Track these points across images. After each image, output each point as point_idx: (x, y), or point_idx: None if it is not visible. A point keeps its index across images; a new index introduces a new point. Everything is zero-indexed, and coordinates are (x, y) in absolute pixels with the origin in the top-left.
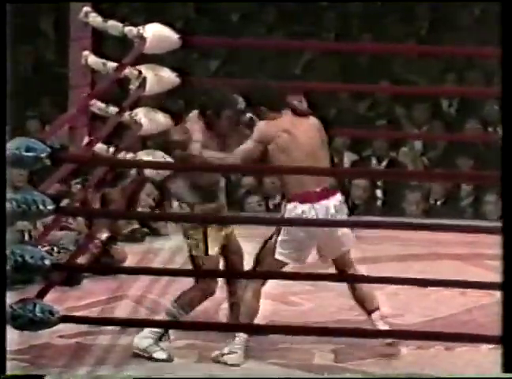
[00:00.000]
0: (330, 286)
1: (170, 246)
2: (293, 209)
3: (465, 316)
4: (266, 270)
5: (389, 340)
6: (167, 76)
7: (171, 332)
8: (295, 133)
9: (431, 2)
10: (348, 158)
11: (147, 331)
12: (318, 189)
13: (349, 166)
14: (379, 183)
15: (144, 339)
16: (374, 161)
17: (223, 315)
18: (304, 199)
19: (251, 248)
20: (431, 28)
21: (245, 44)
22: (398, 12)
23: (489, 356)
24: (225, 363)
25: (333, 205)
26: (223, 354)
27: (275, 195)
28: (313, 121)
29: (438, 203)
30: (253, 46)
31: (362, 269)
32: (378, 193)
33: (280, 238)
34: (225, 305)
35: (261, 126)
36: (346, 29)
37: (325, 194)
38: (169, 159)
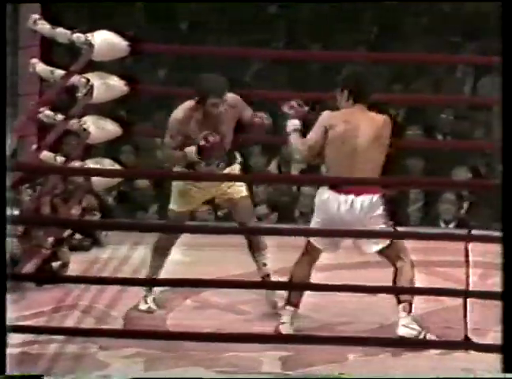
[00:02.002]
0: (279, 294)
1: (117, 256)
2: (321, 192)
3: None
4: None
5: None
6: (115, 84)
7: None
8: (352, 125)
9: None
10: (295, 167)
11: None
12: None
13: (298, 173)
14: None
15: None
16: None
17: (170, 324)
18: (335, 187)
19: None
20: (380, 35)
21: (194, 52)
22: (347, 20)
23: (434, 361)
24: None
25: (360, 202)
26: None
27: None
28: (378, 117)
29: None
30: (202, 54)
31: (313, 278)
32: None
33: (312, 222)
34: (172, 315)
35: (324, 114)
36: (295, 38)
37: (358, 190)
38: (117, 166)
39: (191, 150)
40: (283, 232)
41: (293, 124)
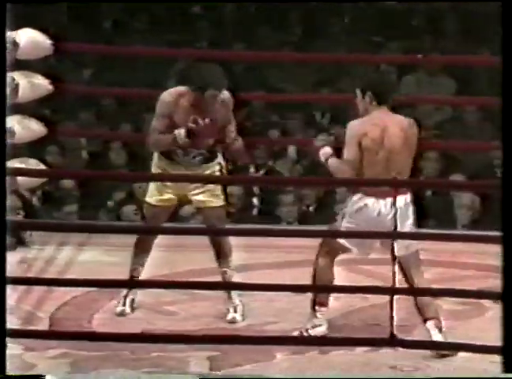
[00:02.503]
0: (206, 294)
1: (43, 256)
2: (358, 201)
3: (340, 320)
4: (326, 251)
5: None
6: (40, 83)
7: None
8: (382, 128)
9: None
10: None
11: None
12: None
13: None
14: (256, 191)
15: None
16: (252, 169)
17: (96, 324)
18: (371, 193)
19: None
20: (303, 36)
21: (118, 52)
22: (271, 20)
23: (362, 358)
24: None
25: (399, 203)
26: (307, 330)
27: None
28: (404, 119)
29: (311, 209)
30: (127, 54)
31: (239, 277)
32: (255, 200)
33: (343, 224)
34: (98, 315)
35: (352, 126)
36: (219, 38)
37: (393, 192)
38: (42, 167)
39: (180, 132)
40: (268, 233)
41: (325, 153)
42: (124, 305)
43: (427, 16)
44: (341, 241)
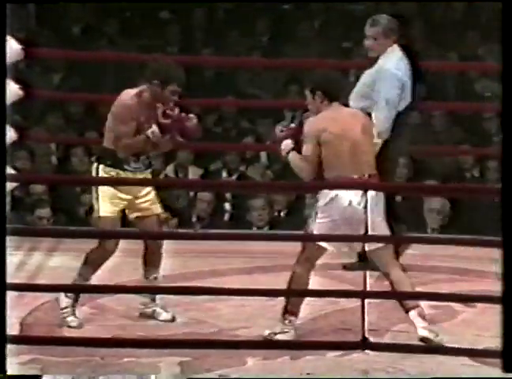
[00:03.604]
0: (176, 299)
1: (13, 262)
2: (328, 193)
3: (311, 325)
4: (306, 257)
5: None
6: (10, 89)
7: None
8: (342, 122)
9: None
10: (192, 172)
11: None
12: (355, 177)
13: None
14: (228, 196)
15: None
16: (224, 174)
17: (67, 330)
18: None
19: None
20: (273, 41)
21: (88, 57)
22: (240, 25)
23: (336, 362)
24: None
25: (369, 194)
26: (275, 334)
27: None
28: (357, 112)
29: (282, 214)
30: (96, 59)
31: (210, 283)
32: (227, 206)
33: (317, 221)
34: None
35: (310, 123)
36: (189, 43)
37: (363, 181)
38: (13, 172)
39: (154, 130)
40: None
41: (286, 145)
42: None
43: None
44: (320, 242)
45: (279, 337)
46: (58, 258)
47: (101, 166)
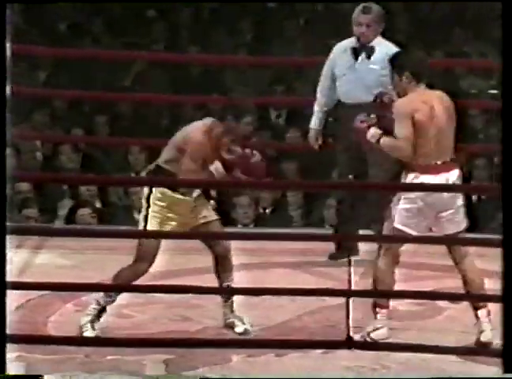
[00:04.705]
0: (161, 297)
1: None
2: (414, 179)
3: (297, 322)
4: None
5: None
6: None
7: None
8: (430, 105)
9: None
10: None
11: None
12: (439, 162)
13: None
14: (213, 194)
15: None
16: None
17: (51, 327)
18: (426, 170)
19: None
20: (258, 39)
21: (74, 54)
22: (226, 24)
23: (318, 360)
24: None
25: (452, 177)
26: (368, 333)
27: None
28: (443, 94)
29: (267, 211)
30: (82, 57)
31: (195, 280)
32: (212, 203)
33: (399, 207)
34: (54, 318)
35: (400, 104)
36: (175, 41)
37: (446, 167)
38: None
39: (216, 167)
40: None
41: (374, 133)
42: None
43: None
44: (399, 226)
45: (373, 336)
46: (45, 256)
47: (153, 195)
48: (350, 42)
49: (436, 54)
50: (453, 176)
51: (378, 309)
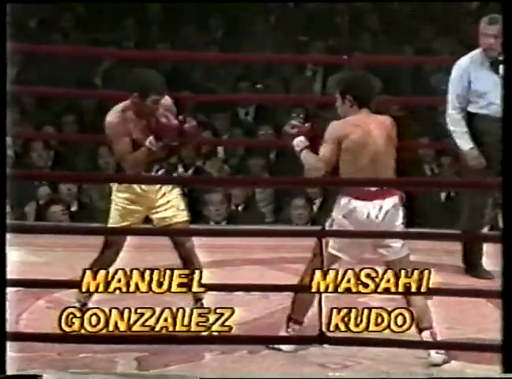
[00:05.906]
0: (134, 295)
1: None
2: (347, 204)
3: (269, 319)
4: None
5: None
6: None
7: None
8: (366, 130)
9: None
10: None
11: None
12: (373, 189)
13: None
14: (185, 191)
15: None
16: (180, 169)
17: (22, 325)
18: (360, 196)
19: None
20: (228, 35)
21: (44, 50)
22: (196, 20)
23: (293, 356)
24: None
25: (387, 205)
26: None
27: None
28: (385, 119)
29: (240, 208)
30: (52, 53)
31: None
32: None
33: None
34: (24, 315)
35: (333, 125)
36: (145, 38)
37: (381, 194)
38: None
39: (150, 140)
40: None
41: (300, 142)
42: None
43: (350, 16)
44: (333, 251)
45: (283, 347)
46: (14, 252)
47: (115, 187)
48: (477, 54)
49: (406, 50)
50: (388, 204)
51: (290, 324)
